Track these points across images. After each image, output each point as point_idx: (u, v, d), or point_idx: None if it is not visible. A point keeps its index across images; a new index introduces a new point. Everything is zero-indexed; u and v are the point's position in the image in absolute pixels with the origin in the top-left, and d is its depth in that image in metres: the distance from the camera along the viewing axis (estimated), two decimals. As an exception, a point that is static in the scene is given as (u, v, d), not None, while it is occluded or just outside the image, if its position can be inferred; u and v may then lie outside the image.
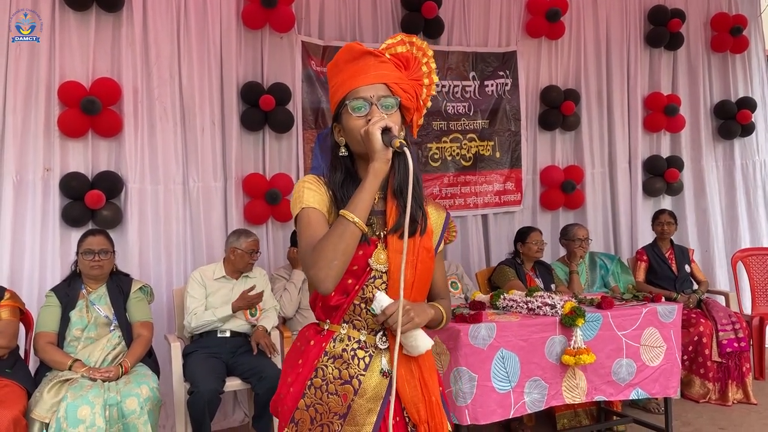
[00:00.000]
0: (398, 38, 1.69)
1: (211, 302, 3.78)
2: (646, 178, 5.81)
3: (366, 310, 1.60)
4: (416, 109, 1.68)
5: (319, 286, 1.50)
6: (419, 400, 1.63)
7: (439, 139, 5.17)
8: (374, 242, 1.61)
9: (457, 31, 5.28)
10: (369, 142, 1.52)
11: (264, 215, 4.54)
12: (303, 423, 1.60)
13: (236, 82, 4.55)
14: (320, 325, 1.67)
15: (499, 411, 3.07)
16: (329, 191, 1.63)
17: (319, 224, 1.57)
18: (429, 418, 1.64)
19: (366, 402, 1.59)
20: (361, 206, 1.51)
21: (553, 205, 5.48)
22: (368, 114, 1.57)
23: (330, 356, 1.61)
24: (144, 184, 4.27)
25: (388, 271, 1.60)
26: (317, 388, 1.60)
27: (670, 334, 3.44)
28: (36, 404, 2.96)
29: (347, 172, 1.65)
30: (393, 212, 1.62)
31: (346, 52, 1.64)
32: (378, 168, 1.52)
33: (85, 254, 3.36)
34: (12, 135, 3.94)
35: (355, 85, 1.60)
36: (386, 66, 1.63)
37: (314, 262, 1.49)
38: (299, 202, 1.60)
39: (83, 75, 4.12)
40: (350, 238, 1.49)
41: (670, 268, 4.84)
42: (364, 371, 1.60)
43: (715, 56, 6.12)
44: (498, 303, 3.47)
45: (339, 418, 1.58)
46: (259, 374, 3.48)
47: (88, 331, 3.31)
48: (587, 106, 5.65)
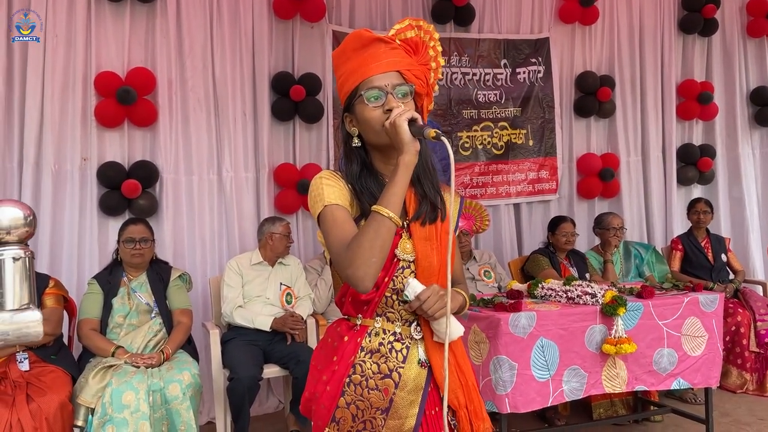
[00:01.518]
0: (406, 23, 1.63)
1: (247, 290, 3.80)
2: (679, 166, 5.73)
3: (398, 301, 1.58)
4: (426, 94, 1.65)
5: (358, 285, 1.46)
6: (457, 386, 1.62)
7: (469, 127, 5.14)
8: (399, 232, 1.56)
9: (489, 18, 5.23)
10: (396, 134, 1.47)
11: (295, 205, 4.56)
12: (344, 421, 1.57)
13: (268, 72, 4.56)
14: (352, 320, 1.63)
15: (539, 399, 3.06)
16: (348, 185, 1.59)
17: (346, 221, 1.52)
18: (468, 402, 1.64)
19: (407, 394, 1.57)
20: (395, 200, 1.46)
21: (591, 193, 5.42)
22: (384, 103, 1.53)
23: (367, 351, 1.58)
24: (178, 174, 4.31)
25: (416, 259, 1.58)
26: (356, 384, 1.57)
27: (712, 324, 3.40)
28: (81, 390, 3.02)
29: (363, 163, 1.61)
30: (412, 200, 1.60)
31: (355, 40, 1.58)
32: (408, 160, 1.48)
33: (126, 242, 3.40)
34: (50, 126, 3.99)
35: (368, 73, 1.55)
36: (397, 52, 1.58)
37: (351, 262, 1.44)
38: (320, 200, 1.54)
39: (119, 65, 4.16)
40: (387, 233, 1.45)
41: (706, 257, 4.78)
42: (403, 363, 1.58)
43: (751, 41, 6.00)
44: (536, 292, 3.45)
45: (381, 413, 1.56)
46: (296, 358, 3.51)
47: (130, 318, 3.36)
48: (621, 93, 5.58)
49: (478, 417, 1.64)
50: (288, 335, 3.68)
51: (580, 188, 5.44)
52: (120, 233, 3.47)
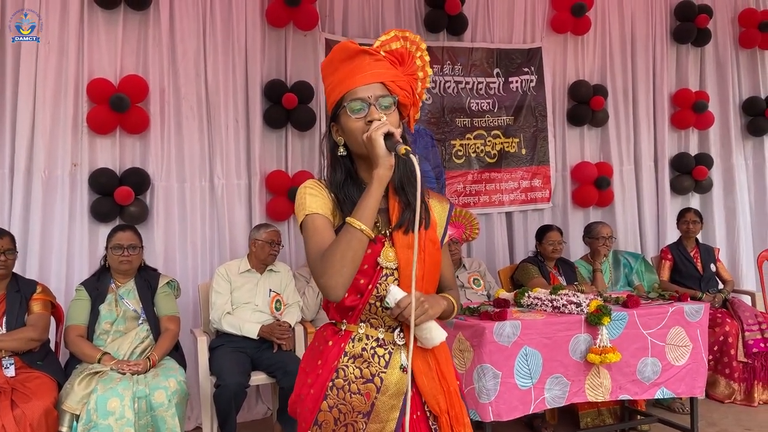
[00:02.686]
0: (391, 34, 1.66)
1: (236, 297, 3.81)
2: (674, 175, 5.75)
3: (382, 308, 1.61)
4: (413, 104, 1.67)
5: (329, 294, 1.51)
6: (438, 392, 1.64)
7: (462, 135, 5.16)
8: (381, 240, 1.61)
9: (481, 27, 5.27)
10: (372, 148, 1.51)
11: (286, 212, 4.57)
12: (327, 424, 1.60)
13: (260, 80, 4.58)
14: (337, 326, 1.67)
15: (520, 407, 3.07)
16: (331, 194, 1.63)
17: (325, 230, 1.56)
18: (449, 407, 1.65)
19: (388, 399, 1.60)
20: (367, 213, 1.51)
21: (586, 202, 5.43)
22: (367, 114, 1.57)
23: (350, 356, 1.62)
24: (170, 181, 4.33)
25: (398, 267, 1.60)
26: (339, 388, 1.60)
27: (697, 334, 3.41)
28: (67, 396, 3.02)
29: (347, 172, 1.65)
30: (396, 209, 1.63)
31: (341, 51, 1.62)
32: (382, 174, 1.51)
33: (114, 249, 3.42)
34: (41, 132, 4.01)
35: (352, 85, 1.58)
36: (382, 64, 1.62)
37: (323, 271, 1.49)
38: (302, 209, 1.59)
39: (111, 73, 4.18)
40: (358, 245, 1.50)
41: (695, 267, 4.79)
42: (385, 368, 1.61)
43: (744, 52, 6.03)
44: (522, 301, 3.47)
45: (363, 417, 1.59)
46: (283, 368, 3.51)
47: (117, 325, 3.37)
48: (614, 102, 5.61)
49: (459, 422, 1.66)
50: (275, 344, 3.68)
51: (576, 197, 5.45)
52: (108, 240, 3.48)
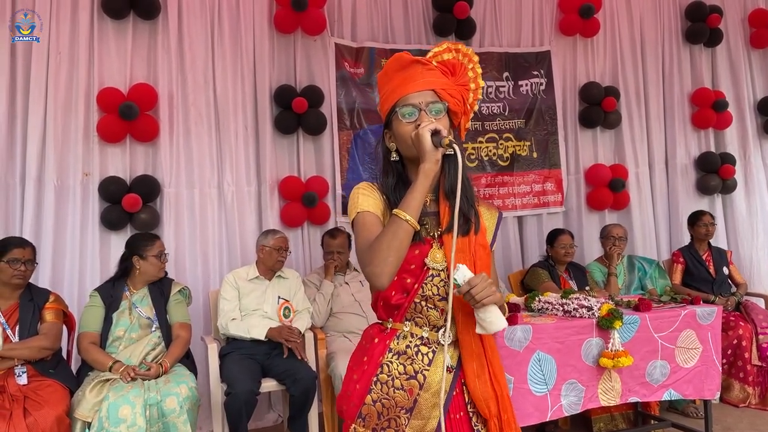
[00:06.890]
0: (444, 46, 1.74)
1: (245, 304, 3.82)
2: (700, 175, 5.67)
3: (427, 307, 1.66)
4: (464, 112, 1.74)
5: (374, 281, 1.55)
6: (489, 396, 1.67)
7: (474, 139, 5.15)
8: (429, 242, 1.68)
9: (489, 31, 5.27)
10: (419, 143, 1.58)
11: (300, 218, 4.57)
12: (370, 418, 1.66)
13: (269, 86, 4.60)
14: (383, 324, 1.73)
15: (536, 414, 3.04)
16: (383, 195, 1.70)
17: (373, 225, 1.63)
18: (501, 411, 1.68)
19: (431, 396, 1.65)
20: (413, 205, 1.56)
21: (602, 204, 5.37)
22: (417, 119, 1.64)
23: (394, 353, 1.68)
24: (180, 188, 4.35)
25: (446, 268, 1.65)
26: (383, 383, 1.66)
27: (708, 336, 3.37)
28: (78, 404, 3.03)
29: (399, 176, 1.72)
30: (446, 213, 1.68)
31: (395, 62, 1.71)
32: (428, 168, 1.58)
33: (158, 257, 3.50)
34: (53, 141, 4.05)
35: (404, 92, 1.66)
36: (433, 73, 1.69)
37: (370, 260, 1.54)
38: (355, 207, 1.68)
39: (121, 81, 4.21)
40: (403, 235, 1.55)
41: (708, 270, 4.74)
42: (428, 366, 1.66)
43: (756, 52, 5.99)
44: (533, 305, 3.45)
45: (405, 412, 1.65)
46: (293, 376, 3.51)
47: (131, 332, 3.38)
48: (626, 104, 5.57)
49: (510, 427, 1.69)
50: (285, 347, 3.67)
51: (590, 200, 5.39)
52: (145, 248, 3.53)
